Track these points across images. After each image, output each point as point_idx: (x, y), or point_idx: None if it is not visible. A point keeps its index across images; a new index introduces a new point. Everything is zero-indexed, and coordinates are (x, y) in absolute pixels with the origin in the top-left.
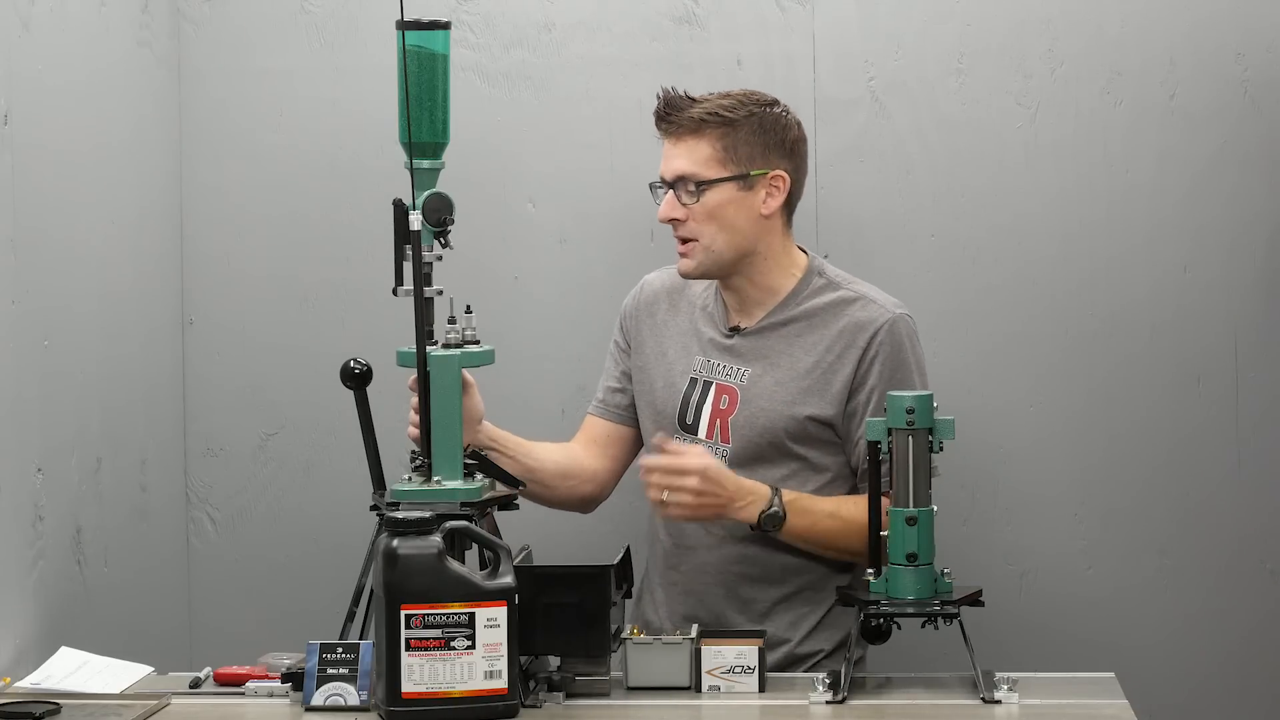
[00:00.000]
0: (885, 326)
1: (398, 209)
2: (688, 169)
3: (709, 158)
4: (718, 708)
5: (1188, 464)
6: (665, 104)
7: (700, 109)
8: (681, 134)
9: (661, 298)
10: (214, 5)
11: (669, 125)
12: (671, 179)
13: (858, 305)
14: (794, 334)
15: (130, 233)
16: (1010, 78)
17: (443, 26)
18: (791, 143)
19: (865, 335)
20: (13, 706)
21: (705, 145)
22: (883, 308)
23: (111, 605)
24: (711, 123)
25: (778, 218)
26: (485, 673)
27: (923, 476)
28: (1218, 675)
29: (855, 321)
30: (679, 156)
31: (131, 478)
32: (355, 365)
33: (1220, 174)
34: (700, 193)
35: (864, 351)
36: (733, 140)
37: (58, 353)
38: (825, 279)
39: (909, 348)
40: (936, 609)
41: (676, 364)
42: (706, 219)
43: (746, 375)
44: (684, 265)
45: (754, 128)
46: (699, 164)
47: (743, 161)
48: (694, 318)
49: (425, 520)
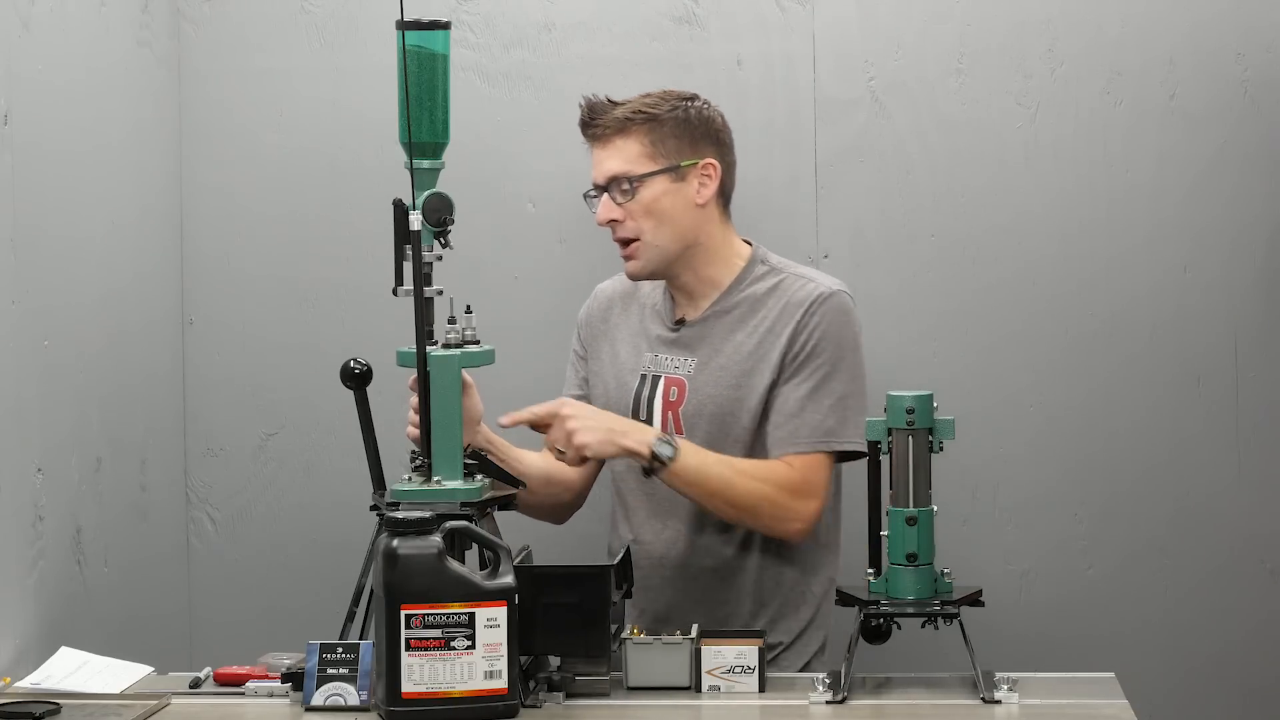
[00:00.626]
0: (820, 298)
1: (398, 209)
2: (619, 168)
3: (638, 154)
4: (718, 708)
5: (1188, 464)
6: (589, 110)
7: (624, 109)
8: (609, 136)
9: (615, 302)
10: (214, 5)
11: (596, 130)
12: (604, 182)
13: (797, 285)
14: (736, 320)
15: (130, 233)
16: (1010, 78)
17: (443, 26)
18: (716, 132)
19: (802, 309)
20: (13, 706)
21: (633, 143)
22: (820, 284)
23: (111, 605)
24: (637, 120)
25: (713, 207)
26: (485, 673)
27: (923, 476)
28: (1218, 675)
29: (794, 299)
30: (609, 158)
31: (131, 478)
32: (355, 365)
33: (1220, 174)
34: (634, 189)
35: (799, 322)
36: (659, 134)
37: (58, 353)
38: (768, 266)
39: (844, 322)
40: (936, 609)
41: (627, 363)
42: (644, 215)
43: (693, 364)
44: (630, 266)
45: (678, 120)
46: (629, 161)
47: (671, 154)
48: (643, 317)
49: (425, 520)
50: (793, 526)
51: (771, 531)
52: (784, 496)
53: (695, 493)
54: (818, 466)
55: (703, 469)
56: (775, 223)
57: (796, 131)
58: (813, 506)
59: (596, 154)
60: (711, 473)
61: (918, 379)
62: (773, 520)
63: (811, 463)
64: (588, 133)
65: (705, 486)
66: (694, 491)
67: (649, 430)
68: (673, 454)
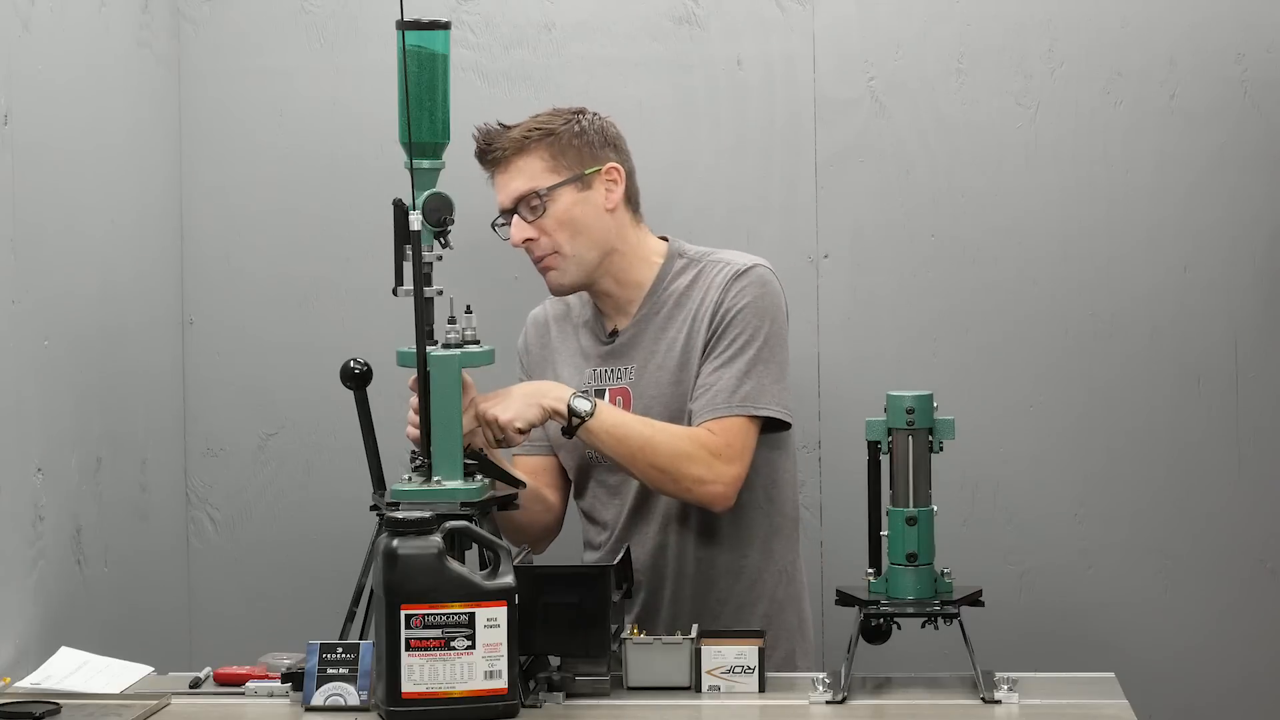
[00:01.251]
0: (737, 273)
1: (398, 209)
2: (524, 186)
3: (541, 169)
4: (718, 708)
5: (1188, 464)
6: (485, 138)
7: (518, 130)
8: (509, 158)
9: (550, 324)
10: (214, 5)
11: (494, 154)
12: (512, 204)
13: (715, 269)
14: (666, 318)
15: (130, 233)
16: (1010, 78)
17: (443, 26)
18: (613, 139)
19: (720, 288)
20: (13, 706)
21: (534, 160)
22: (736, 262)
23: (111, 605)
24: (534, 137)
25: (623, 210)
26: (485, 673)
27: (923, 476)
28: (1218, 675)
29: (714, 282)
30: (512, 179)
31: (131, 478)
32: (355, 365)
33: (1220, 174)
34: (544, 204)
35: (717, 300)
36: (558, 147)
37: (58, 352)
38: (686, 259)
39: (762, 293)
40: (936, 609)
41: (571, 383)
42: (558, 228)
43: (633, 371)
44: (552, 280)
45: (573, 131)
46: (533, 178)
47: (574, 164)
48: (579, 336)
49: (425, 520)
50: (714, 489)
51: (694, 495)
52: (707, 456)
53: (617, 451)
54: (738, 430)
55: (622, 425)
56: (775, 223)
57: (796, 131)
58: (734, 470)
59: (499, 180)
60: (632, 429)
61: (918, 379)
62: (695, 482)
63: (731, 425)
64: (487, 159)
65: (626, 445)
66: (616, 449)
67: (564, 388)
68: (591, 409)
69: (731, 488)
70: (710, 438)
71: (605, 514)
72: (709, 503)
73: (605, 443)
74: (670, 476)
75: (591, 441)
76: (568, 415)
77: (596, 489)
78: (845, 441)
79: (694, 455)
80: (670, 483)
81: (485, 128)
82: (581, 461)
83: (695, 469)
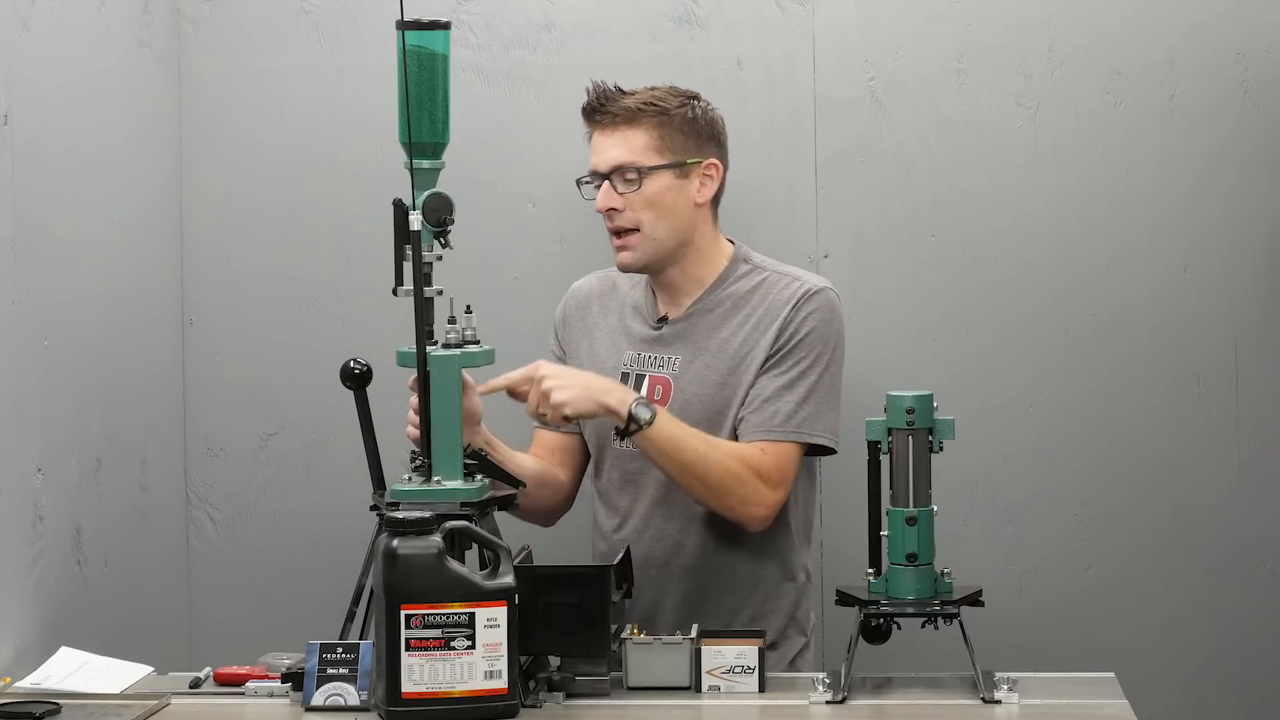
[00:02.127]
0: (809, 294)
1: (398, 209)
2: (626, 158)
3: (646, 146)
4: (718, 708)
5: (1187, 464)
6: (598, 96)
7: (634, 99)
8: (616, 124)
9: (593, 300)
10: (214, 5)
11: (604, 116)
12: (608, 169)
13: (783, 282)
14: (720, 317)
15: (130, 233)
16: (1010, 78)
17: (443, 26)
18: (720, 134)
19: (790, 304)
20: (13, 706)
21: (642, 134)
22: (807, 281)
23: (111, 605)
24: (647, 112)
25: (708, 207)
26: (485, 673)
27: (923, 476)
28: (1218, 675)
29: (781, 295)
30: (614, 146)
31: (131, 478)
32: (355, 365)
33: (1220, 174)
34: (640, 180)
35: (786, 316)
36: (668, 129)
37: (58, 353)
38: (751, 265)
39: (830, 319)
40: (936, 609)
41: (607, 361)
42: (646, 207)
43: (677, 363)
44: (625, 258)
45: (686, 117)
46: (636, 153)
47: (678, 150)
48: (623, 315)
49: (425, 520)
50: (757, 512)
51: (735, 514)
52: (755, 480)
53: (668, 463)
54: (788, 456)
55: (679, 439)
56: (775, 223)
57: (796, 131)
58: (779, 495)
59: (600, 140)
60: (687, 444)
61: (918, 379)
62: (739, 502)
63: (783, 451)
64: (595, 118)
65: (680, 458)
66: (667, 462)
67: (629, 391)
68: (651, 417)
69: (772, 511)
70: (761, 460)
71: (620, 500)
72: (746, 523)
73: (655, 453)
74: (716, 494)
75: (644, 448)
76: (626, 420)
77: (612, 473)
78: (845, 441)
79: (743, 478)
80: (714, 499)
81: (600, 86)
82: (601, 441)
83: (743, 490)
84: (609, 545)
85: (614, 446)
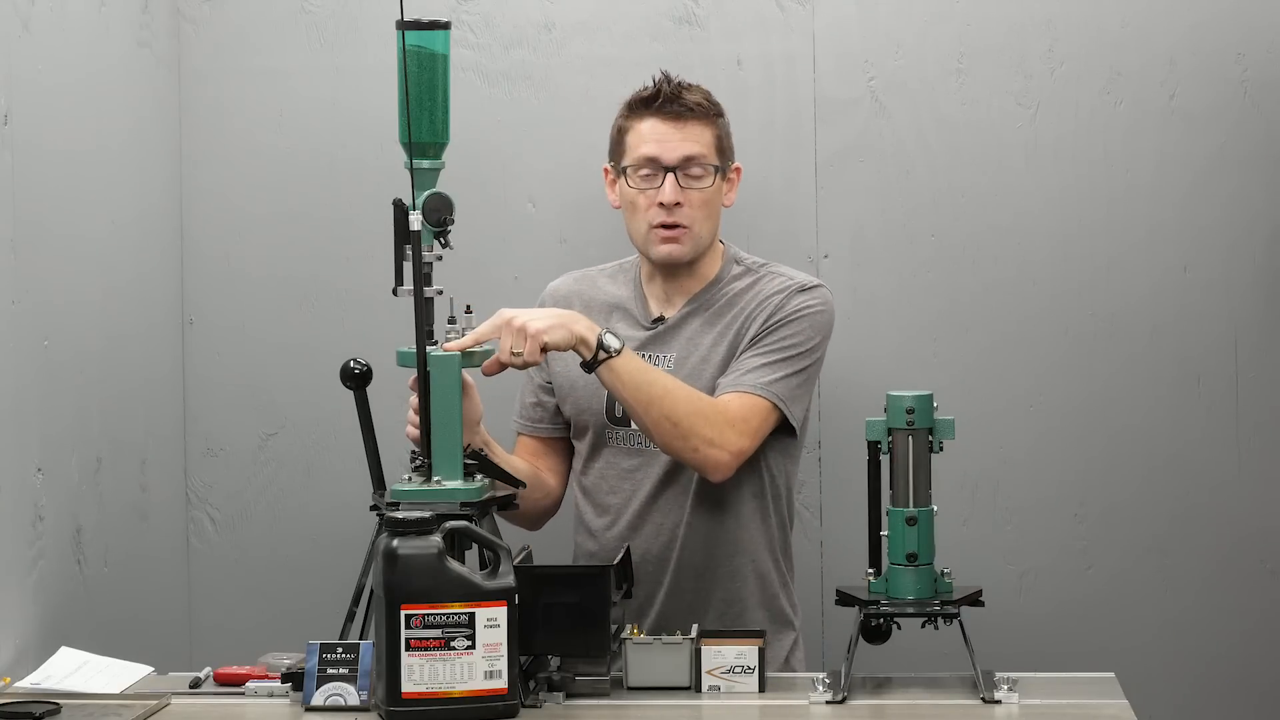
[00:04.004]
0: (801, 286)
1: (398, 209)
2: (698, 151)
3: (711, 144)
4: (718, 708)
5: (1187, 464)
6: (674, 86)
7: (702, 95)
8: (689, 118)
9: (573, 300)
10: (214, 5)
11: (677, 107)
12: (675, 162)
13: (777, 281)
14: (714, 315)
15: (130, 233)
16: (1010, 78)
17: (443, 26)
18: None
19: (782, 294)
20: (13, 706)
21: (710, 132)
22: (800, 278)
23: (111, 605)
24: (713, 112)
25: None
26: (485, 673)
27: (923, 476)
28: (1218, 675)
29: (773, 289)
30: (687, 140)
31: (131, 478)
32: (355, 365)
33: (1220, 174)
34: (705, 177)
35: (777, 304)
36: (725, 132)
37: (58, 353)
38: (744, 266)
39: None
40: (936, 609)
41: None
42: (701, 204)
43: (670, 361)
44: (673, 250)
45: (726, 122)
46: (706, 149)
47: (726, 153)
48: (609, 318)
49: (425, 520)
50: (719, 455)
51: (699, 456)
52: (720, 420)
53: (635, 395)
54: (758, 410)
55: (646, 370)
56: (775, 223)
57: (796, 131)
58: (744, 444)
59: (666, 130)
60: (655, 378)
61: (918, 379)
62: (704, 443)
63: (753, 403)
64: (665, 109)
65: (648, 390)
66: (634, 394)
67: (595, 324)
68: (619, 346)
69: (736, 459)
70: (730, 407)
71: (613, 498)
72: (711, 467)
73: (626, 384)
74: (681, 431)
75: (611, 380)
76: (595, 348)
77: (607, 470)
78: (845, 441)
79: (710, 417)
80: (679, 438)
81: (671, 76)
82: (598, 437)
83: (708, 430)
84: (599, 544)
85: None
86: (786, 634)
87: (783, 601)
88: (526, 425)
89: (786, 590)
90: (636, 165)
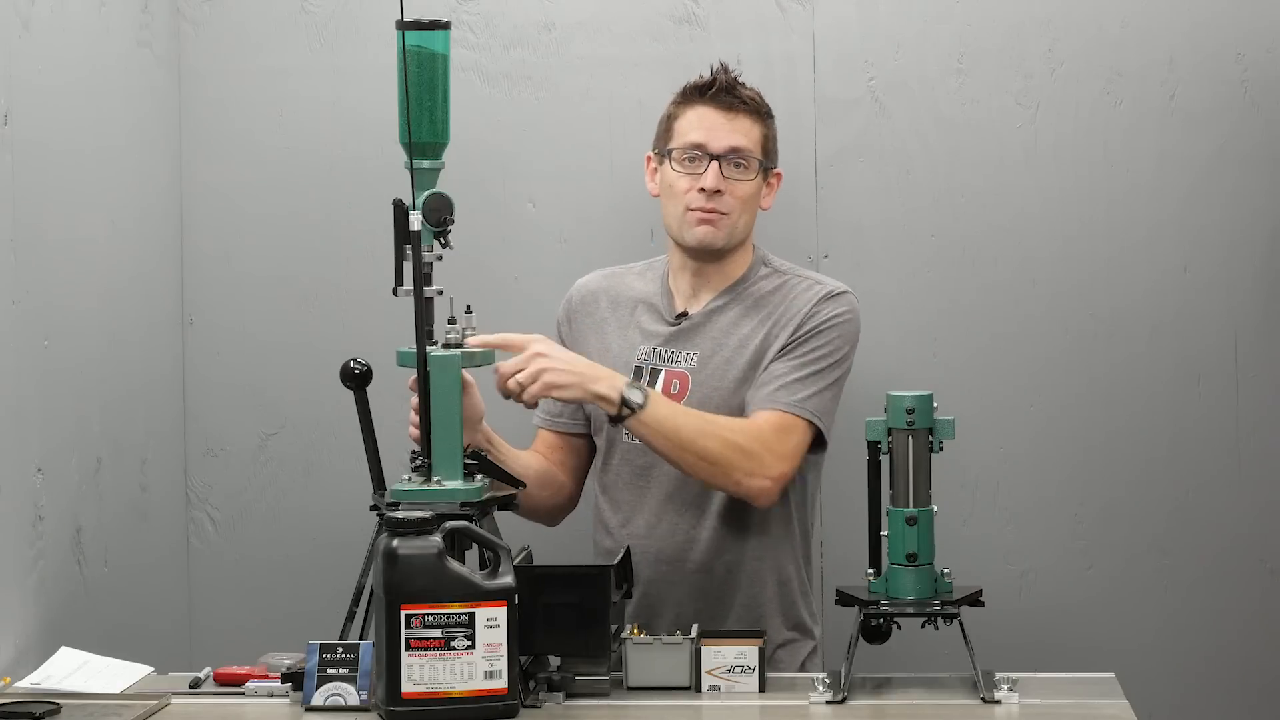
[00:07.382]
0: (831, 294)
1: (398, 209)
2: (746, 143)
3: (758, 141)
4: (718, 708)
5: (1187, 463)
6: (729, 80)
7: (755, 93)
8: (742, 111)
9: (600, 296)
10: (214, 5)
11: (731, 99)
12: (722, 151)
13: (805, 285)
14: (740, 314)
15: (130, 233)
16: (1010, 78)
17: (443, 26)
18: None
19: (813, 301)
20: (13, 706)
21: (759, 130)
22: (830, 284)
23: (111, 605)
24: (764, 110)
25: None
26: (485, 673)
27: (923, 476)
28: (1218, 675)
29: (805, 294)
30: (736, 132)
31: (131, 478)
32: (355, 365)
33: (1220, 174)
34: (750, 170)
35: (808, 312)
36: (771, 132)
37: (58, 353)
38: (771, 268)
39: (849, 318)
40: (936, 609)
41: (620, 356)
42: (740, 198)
43: (696, 358)
44: (709, 233)
45: (775, 125)
46: (754, 144)
47: (771, 154)
48: (634, 312)
49: (425, 520)
50: (760, 484)
51: (741, 489)
52: (758, 449)
53: (666, 444)
54: (798, 431)
55: (674, 418)
56: (775, 223)
57: (796, 131)
58: (785, 468)
59: (717, 119)
60: (683, 422)
61: (918, 379)
62: (745, 475)
63: (793, 425)
64: (720, 98)
65: (677, 437)
66: (665, 443)
67: (619, 376)
68: (643, 400)
69: (779, 485)
70: (765, 430)
71: (629, 495)
72: (754, 496)
73: (651, 435)
74: (720, 470)
75: (641, 433)
76: (619, 404)
77: (622, 468)
78: (845, 441)
79: (747, 449)
80: (719, 475)
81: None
82: (611, 434)
83: (748, 463)
84: (615, 541)
85: (624, 441)
86: (804, 643)
87: (801, 610)
88: (545, 419)
89: (806, 599)
90: (683, 149)
